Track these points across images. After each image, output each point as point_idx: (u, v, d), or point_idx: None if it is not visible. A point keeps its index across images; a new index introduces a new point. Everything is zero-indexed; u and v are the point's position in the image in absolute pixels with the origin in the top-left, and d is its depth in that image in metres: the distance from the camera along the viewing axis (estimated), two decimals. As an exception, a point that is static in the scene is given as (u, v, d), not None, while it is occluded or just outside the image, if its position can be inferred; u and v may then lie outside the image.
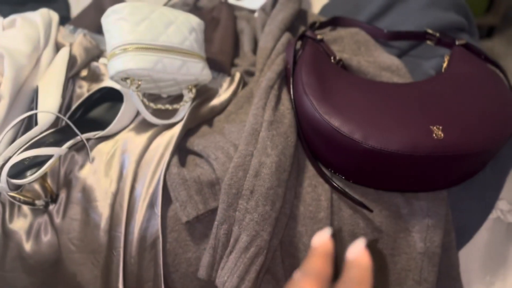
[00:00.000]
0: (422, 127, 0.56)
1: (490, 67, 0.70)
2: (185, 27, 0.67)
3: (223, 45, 0.83)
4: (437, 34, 0.79)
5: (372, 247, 0.60)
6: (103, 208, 0.62)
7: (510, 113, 0.62)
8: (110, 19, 0.64)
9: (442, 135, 0.56)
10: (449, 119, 0.58)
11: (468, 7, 1.00)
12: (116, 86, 0.70)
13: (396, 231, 0.62)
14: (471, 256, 0.65)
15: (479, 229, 0.64)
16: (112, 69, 0.62)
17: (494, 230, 0.64)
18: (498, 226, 0.64)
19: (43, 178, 0.64)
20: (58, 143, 0.64)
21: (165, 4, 0.99)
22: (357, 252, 0.35)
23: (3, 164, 0.59)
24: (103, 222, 0.62)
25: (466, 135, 0.57)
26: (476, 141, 0.57)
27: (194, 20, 0.70)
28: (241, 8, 0.97)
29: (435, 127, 0.56)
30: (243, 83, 0.77)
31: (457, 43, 0.75)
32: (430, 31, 0.80)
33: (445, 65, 0.73)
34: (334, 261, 0.36)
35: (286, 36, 0.79)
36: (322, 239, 0.37)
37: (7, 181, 0.58)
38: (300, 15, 0.92)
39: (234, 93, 0.75)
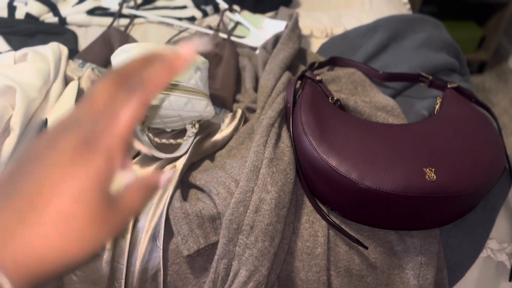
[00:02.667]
0: (416, 169, 0.59)
1: (480, 110, 0.74)
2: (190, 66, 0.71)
3: (226, 81, 0.86)
4: (430, 77, 0.83)
5: None
6: (106, 239, 0.64)
7: (499, 155, 0.65)
8: (120, 57, 0.67)
9: (434, 177, 0.58)
10: (441, 161, 0.61)
11: (459, 48, 1.04)
12: (122, 120, 0.73)
13: (391, 268, 0.64)
14: (462, 293, 0.67)
15: (470, 267, 0.66)
16: (120, 105, 0.65)
17: (484, 268, 0.66)
18: (488, 265, 0.66)
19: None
20: (65, 175, 0.66)
21: (170, 40, 1.03)
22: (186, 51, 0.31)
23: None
24: (106, 253, 0.63)
25: (457, 177, 0.59)
26: (467, 183, 0.59)
27: (199, 59, 0.73)
28: (243, 46, 1.01)
29: (427, 169, 0.59)
30: (244, 119, 0.80)
31: (449, 86, 0.79)
32: (423, 73, 0.84)
33: (437, 107, 0.76)
34: None
35: (286, 75, 0.82)
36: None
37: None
38: (300, 53, 0.96)
39: (236, 129, 0.78)
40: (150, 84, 0.30)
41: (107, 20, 1.11)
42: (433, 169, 0.59)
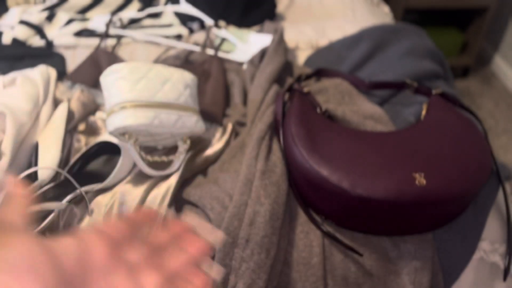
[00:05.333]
0: (406, 175, 0.60)
1: (465, 114, 0.75)
2: (180, 84, 0.71)
3: (215, 97, 0.87)
4: (415, 84, 0.84)
5: None
6: (102, 260, 0.64)
7: (486, 158, 0.66)
8: (110, 78, 0.67)
9: (424, 182, 0.59)
10: (430, 166, 0.62)
11: (442, 54, 1.07)
12: (113, 139, 0.73)
13: (386, 274, 0.65)
14: (458, 296, 0.67)
15: (464, 269, 0.67)
16: (111, 125, 0.65)
17: (478, 269, 0.67)
18: (482, 266, 0.67)
19: (42, 231, 0.65)
20: (58, 198, 0.66)
21: (157, 58, 1.04)
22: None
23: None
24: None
25: (446, 181, 0.61)
26: (456, 186, 0.61)
27: (188, 77, 0.74)
28: (230, 61, 1.03)
29: (417, 174, 0.60)
30: (235, 133, 0.81)
31: (433, 92, 0.80)
32: (408, 81, 0.86)
33: (424, 112, 0.78)
34: None
35: (274, 88, 0.84)
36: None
37: (9, 237, 0.59)
38: (287, 66, 0.97)
39: (227, 143, 0.78)
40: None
41: (94, 41, 1.12)
42: (423, 174, 0.60)
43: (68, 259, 0.27)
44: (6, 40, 1.09)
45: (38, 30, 1.13)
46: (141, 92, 0.66)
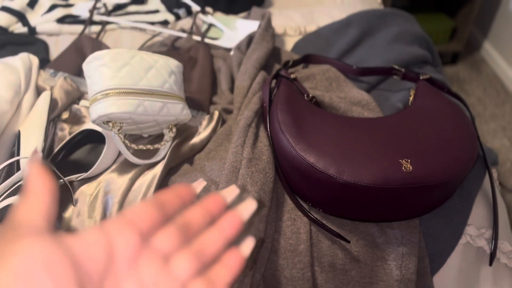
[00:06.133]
0: (392, 161, 0.60)
1: (452, 100, 0.75)
2: (164, 70, 0.70)
3: (201, 84, 0.86)
4: (403, 70, 0.84)
5: None
6: (87, 250, 0.63)
7: (472, 143, 0.66)
8: (92, 65, 0.66)
9: (410, 168, 0.59)
10: (416, 152, 0.62)
11: (431, 40, 1.06)
12: (97, 128, 0.72)
13: (373, 260, 0.65)
14: (445, 281, 0.68)
15: (450, 254, 0.67)
16: (94, 113, 0.64)
17: (465, 254, 0.67)
18: (468, 251, 0.67)
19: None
20: (41, 187, 0.65)
21: (143, 45, 1.02)
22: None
23: (-14, 211, 0.59)
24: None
25: (433, 166, 0.60)
26: (442, 172, 0.60)
27: (173, 63, 0.73)
28: (217, 47, 1.01)
29: (404, 161, 0.60)
30: (221, 121, 0.80)
31: (421, 77, 0.80)
32: (396, 66, 0.85)
33: (411, 98, 0.78)
34: None
35: (261, 74, 0.82)
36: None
37: (-9, 228, 0.58)
38: (274, 53, 0.96)
39: (214, 131, 0.78)
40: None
41: (78, 28, 1.09)
42: (409, 160, 0.60)
43: (91, 258, 0.25)
44: (-13, 27, 1.06)
45: (20, 16, 1.11)
46: (124, 79, 0.65)
